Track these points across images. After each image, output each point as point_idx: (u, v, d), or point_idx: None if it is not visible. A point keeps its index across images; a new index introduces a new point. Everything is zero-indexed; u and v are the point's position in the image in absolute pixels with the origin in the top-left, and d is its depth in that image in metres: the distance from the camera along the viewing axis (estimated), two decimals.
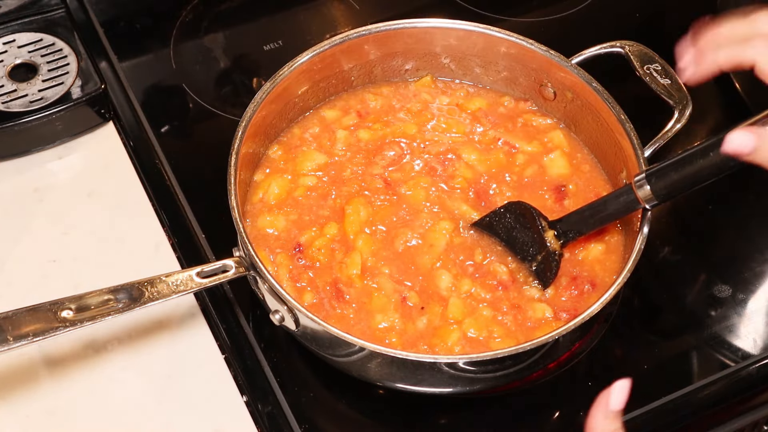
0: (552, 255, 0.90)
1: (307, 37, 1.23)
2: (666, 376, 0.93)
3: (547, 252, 0.90)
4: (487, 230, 0.93)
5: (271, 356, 0.93)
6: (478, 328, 0.87)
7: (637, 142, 0.92)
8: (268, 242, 0.93)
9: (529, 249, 0.91)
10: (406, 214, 0.95)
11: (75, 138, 1.11)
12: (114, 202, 1.06)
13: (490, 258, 0.92)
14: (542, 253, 0.90)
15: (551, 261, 0.90)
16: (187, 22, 1.25)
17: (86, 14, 1.23)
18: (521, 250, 0.92)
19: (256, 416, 0.90)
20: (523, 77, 1.05)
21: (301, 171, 0.99)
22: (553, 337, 0.79)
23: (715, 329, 0.97)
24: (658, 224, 1.05)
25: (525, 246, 0.91)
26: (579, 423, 0.91)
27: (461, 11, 1.27)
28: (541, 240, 0.91)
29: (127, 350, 0.93)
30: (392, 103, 1.06)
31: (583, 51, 1.00)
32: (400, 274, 0.91)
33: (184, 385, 0.92)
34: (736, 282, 1.01)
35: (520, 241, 0.92)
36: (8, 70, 1.11)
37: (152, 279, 0.83)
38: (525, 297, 0.90)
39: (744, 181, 1.13)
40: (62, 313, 0.79)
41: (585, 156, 1.02)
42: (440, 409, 0.92)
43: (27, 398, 0.90)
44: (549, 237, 0.91)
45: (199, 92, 1.16)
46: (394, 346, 0.85)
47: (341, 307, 0.88)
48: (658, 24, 1.30)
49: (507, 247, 0.92)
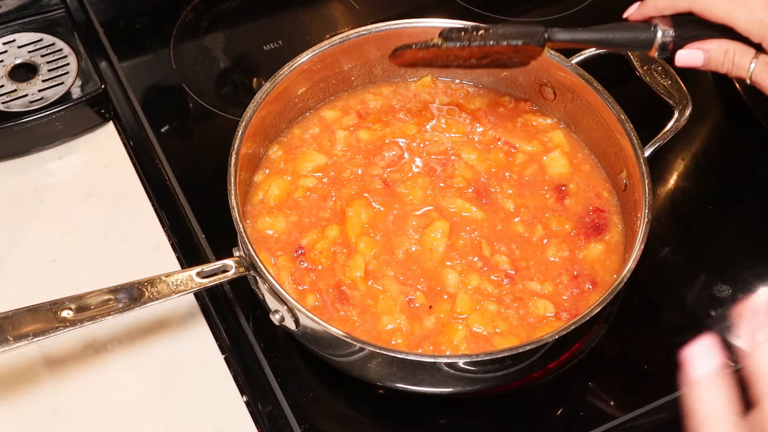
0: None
1: (307, 37, 1.23)
2: (666, 376, 0.93)
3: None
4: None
5: (271, 356, 0.93)
6: (484, 323, 0.87)
7: (637, 142, 0.92)
8: (269, 244, 0.93)
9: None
10: (406, 214, 0.95)
11: (75, 138, 1.11)
12: (114, 202, 1.06)
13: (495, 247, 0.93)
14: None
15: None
16: (187, 22, 1.25)
17: (86, 14, 1.23)
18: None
19: (256, 416, 0.90)
20: (523, 77, 1.05)
21: (301, 172, 0.99)
22: (553, 336, 0.79)
23: (715, 329, 0.97)
24: (658, 224, 1.05)
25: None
26: (579, 423, 0.91)
27: (461, 11, 1.27)
28: (537, 53, 0.89)
29: (127, 350, 0.93)
30: (392, 104, 1.06)
31: (583, 51, 1.00)
32: (405, 275, 0.91)
33: (184, 385, 0.92)
34: (736, 282, 1.01)
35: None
36: (8, 70, 1.11)
37: (152, 279, 0.83)
38: (528, 290, 0.90)
39: (744, 181, 1.13)
40: (62, 313, 0.79)
41: (585, 156, 1.02)
42: (440, 409, 0.92)
43: (27, 398, 0.90)
44: (545, 52, 0.90)
45: (199, 92, 1.16)
46: (399, 347, 0.85)
47: (345, 309, 0.88)
48: None
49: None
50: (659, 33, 0.82)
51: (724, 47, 0.78)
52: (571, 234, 0.95)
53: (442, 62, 0.92)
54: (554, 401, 0.93)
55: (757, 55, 0.77)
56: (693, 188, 1.11)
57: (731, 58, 0.78)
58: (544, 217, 0.96)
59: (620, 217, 0.97)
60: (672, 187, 1.11)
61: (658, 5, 0.82)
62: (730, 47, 0.78)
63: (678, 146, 1.14)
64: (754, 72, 0.77)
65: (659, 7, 0.82)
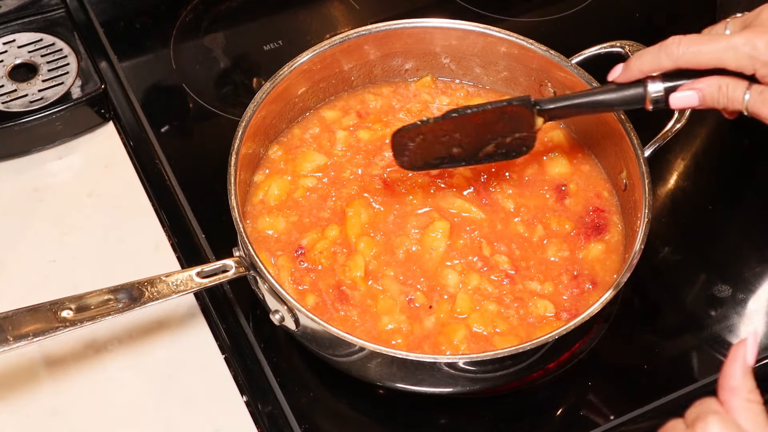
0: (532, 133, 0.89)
1: (307, 37, 1.23)
2: (666, 376, 0.93)
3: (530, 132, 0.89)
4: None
5: (271, 356, 0.93)
6: (484, 323, 0.87)
7: (637, 142, 0.92)
8: (269, 244, 0.93)
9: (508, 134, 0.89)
10: (406, 214, 0.95)
11: (75, 138, 1.11)
12: (114, 202, 1.06)
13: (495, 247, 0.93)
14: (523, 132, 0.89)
15: (529, 138, 0.89)
16: (187, 22, 1.25)
17: (86, 14, 1.23)
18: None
19: (256, 416, 0.90)
20: (523, 77, 1.05)
21: (301, 172, 0.99)
22: (553, 337, 0.79)
23: (715, 329, 0.97)
24: (658, 224, 1.05)
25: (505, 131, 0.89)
26: (579, 423, 0.91)
27: (461, 11, 1.27)
28: (529, 126, 0.89)
29: (127, 350, 0.93)
30: (392, 104, 1.06)
31: (583, 51, 1.00)
32: (405, 275, 0.91)
33: (184, 385, 0.92)
34: (736, 282, 1.01)
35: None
36: (8, 70, 1.11)
37: (152, 279, 0.83)
38: (528, 290, 0.90)
39: (744, 181, 1.13)
40: (62, 313, 0.79)
41: (585, 156, 1.02)
42: (440, 409, 0.92)
43: (27, 398, 0.90)
44: (538, 123, 0.89)
45: (199, 92, 1.16)
46: (399, 348, 0.85)
47: (345, 309, 0.88)
48: (658, 24, 1.30)
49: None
50: (650, 88, 0.82)
51: (717, 83, 0.78)
52: (571, 234, 0.95)
53: (443, 150, 0.90)
54: (554, 401, 0.93)
55: (750, 86, 0.77)
56: (693, 188, 1.11)
57: (725, 92, 0.78)
58: (544, 217, 0.96)
59: (620, 217, 0.97)
60: (672, 187, 1.11)
61: (643, 68, 0.81)
62: (722, 82, 0.78)
63: (678, 146, 1.14)
64: (749, 102, 0.77)
65: (644, 69, 0.81)
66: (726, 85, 0.78)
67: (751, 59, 0.75)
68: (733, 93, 0.78)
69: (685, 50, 0.78)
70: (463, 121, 0.87)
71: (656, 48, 0.80)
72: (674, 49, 0.78)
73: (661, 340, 0.97)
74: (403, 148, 0.90)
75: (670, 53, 0.78)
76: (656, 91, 0.81)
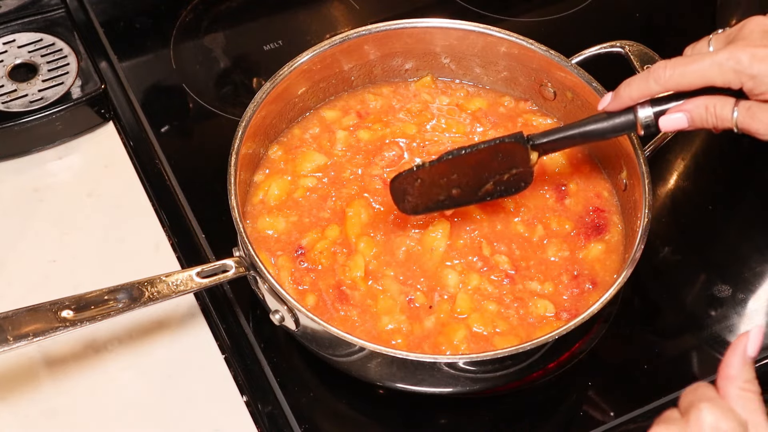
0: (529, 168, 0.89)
1: (307, 37, 1.23)
2: (666, 376, 0.93)
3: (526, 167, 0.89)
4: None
5: (271, 356, 0.93)
6: (484, 323, 0.87)
7: (637, 142, 0.92)
8: (269, 244, 0.93)
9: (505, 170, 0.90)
10: (406, 215, 0.95)
11: (75, 138, 1.11)
12: (114, 202, 1.06)
13: (495, 247, 0.93)
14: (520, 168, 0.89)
15: (527, 173, 0.89)
16: (187, 22, 1.25)
17: (86, 14, 1.23)
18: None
19: (256, 416, 0.90)
20: (523, 77, 1.05)
21: (301, 172, 0.99)
22: (553, 337, 0.79)
23: (715, 329, 0.97)
24: (658, 224, 1.05)
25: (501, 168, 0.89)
26: (579, 423, 0.91)
27: (461, 11, 1.27)
28: (524, 162, 0.88)
29: (127, 350, 0.93)
30: (392, 104, 1.06)
31: (583, 51, 1.00)
32: (405, 275, 0.91)
33: (184, 385, 0.92)
34: (736, 282, 1.01)
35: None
36: (8, 70, 1.11)
37: (152, 279, 0.83)
38: (528, 290, 0.90)
39: (744, 181, 1.13)
40: (62, 313, 0.79)
41: (585, 156, 1.02)
42: (440, 409, 0.92)
43: (27, 398, 0.90)
44: (533, 158, 0.89)
45: (199, 92, 1.16)
46: (399, 348, 0.85)
47: (345, 309, 0.88)
48: (658, 24, 1.30)
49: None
50: (640, 114, 0.82)
51: (704, 103, 0.78)
52: (571, 234, 0.95)
53: (442, 192, 0.90)
54: (554, 401, 0.93)
55: (737, 103, 0.77)
56: (693, 188, 1.11)
57: (713, 112, 0.78)
58: (544, 217, 0.96)
59: (620, 217, 0.97)
60: (672, 187, 1.11)
61: (632, 95, 0.81)
62: (709, 102, 0.78)
63: (678, 146, 1.14)
64: (738, 119, 0.77)
65: (634, 96, 0.81)
66: (713, 104, 0.78)
67: (737, 74, 0.75)
68: (720, 111, 0.78)
69: (672, 72, 0.78)
70: (459, 162, 0.88)
71: (644, 74, 0.80)
72: (661, 73, 0.78)
73: (661, 340, 0.97)
74: (403, 193, 0.90)
75: (658, 77, 0.79)
76: (646, 116, 0.82)
